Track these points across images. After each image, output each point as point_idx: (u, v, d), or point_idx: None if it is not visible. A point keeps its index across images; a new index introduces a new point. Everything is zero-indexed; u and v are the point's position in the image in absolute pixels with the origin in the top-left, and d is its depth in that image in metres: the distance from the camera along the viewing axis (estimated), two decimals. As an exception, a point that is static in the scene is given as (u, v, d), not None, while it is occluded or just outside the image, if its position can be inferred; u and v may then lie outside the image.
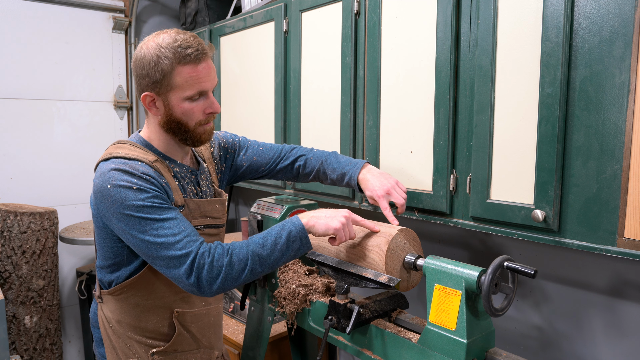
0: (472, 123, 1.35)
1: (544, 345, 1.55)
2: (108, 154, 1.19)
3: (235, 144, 1.50)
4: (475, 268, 1.06)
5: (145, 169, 1.15)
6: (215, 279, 1.08)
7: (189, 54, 1.12)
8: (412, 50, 1.49)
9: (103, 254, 1.24)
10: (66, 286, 2.90)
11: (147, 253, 1.11)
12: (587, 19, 1.11)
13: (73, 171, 2.87)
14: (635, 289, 1.34)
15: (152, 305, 1.25)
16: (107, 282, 1.26)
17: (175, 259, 1.08)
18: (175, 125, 1.20)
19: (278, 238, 1.13)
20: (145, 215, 1.09)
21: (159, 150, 1.25)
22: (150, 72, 1.13)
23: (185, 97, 1.16)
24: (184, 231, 1.10)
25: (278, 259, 1.13)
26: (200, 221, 1.27)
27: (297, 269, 1.48)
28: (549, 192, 1.18)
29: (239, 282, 1.11)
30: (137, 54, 1.17)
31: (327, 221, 1.17)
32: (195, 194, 1.30)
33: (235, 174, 1.50)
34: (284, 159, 1.50)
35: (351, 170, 1.41)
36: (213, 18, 2.79)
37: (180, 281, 1.10)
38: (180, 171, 1.27)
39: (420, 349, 1.13)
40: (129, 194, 1.10)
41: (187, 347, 1.31)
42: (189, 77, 1.14)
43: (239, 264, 1.10)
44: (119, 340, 1.28)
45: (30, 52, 2.68)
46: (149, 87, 1.15)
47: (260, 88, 2.17)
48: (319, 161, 1.48)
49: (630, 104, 1.05)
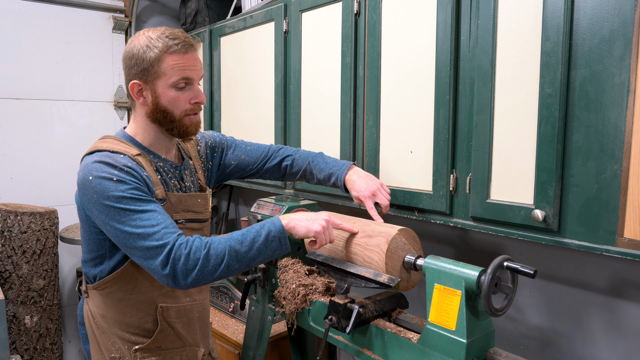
0: (472, 123, 1.35)
1: (544, 345, 1.55)
2: (92, 148, 1.22)
3: (222, 143, 1.53)
4: (475, 268, 1.06)
5: (126, 161, 1.17)
6: (190, 271, 1.10)
7: (176, 44, 1.19)
8: (412, 50, 1.49)
9: (87, 247, 1.26)
10: (66, 286, 2.90)
11: (125, 244, 1.13)
12: (587, 19, 1.11)
13: (73, 171, 2.87)
14: (635, 289, 1.34)
15: (136, 300, 1.27)
16: (92, 276, 1.28)
17: (152, 249, 1.10)
18: (161, 114, 1.23)
19: (257, 236, 1.15)
20: (124, 206, 1.12)
21: (143, 144, 1.28)
22: (139, 61, 1.19)
23: (171, 84, 1.20)
24: (161, 223, 1.12)
25: (255, 256, 1.15)
26: (183, 215, 1.29)
27: (297, 269, 1.48)
28: (548, 192, 1.18)
29: (214, 276, 1.12)
30: (127, 47, 1.24)
31: (307, 224, 1.19)
32: (179, 188, 1.32)
33: (224, 172, 1.53)
34: (272, 159, 1.54)
35: (338, 171, 1.47)
36: (213, 18, 2.79)
37: (156, 272, 1.11)
38: (163, 166, 1.29)
39: (420, 349, 1.13)
40: (109, 185, 1.12)
41: (171, 344, 1.31)
42: (175, 64, 1.19)
43: (215, 258, 1.11)
44: (102, 335, 1.29)
45: (30, 52, 2.68)
46: (137, 76, 1.20)
47: (260, 88, 2.17)
48: (305, 161, 1.53)
49: (630, 104, 1.05)
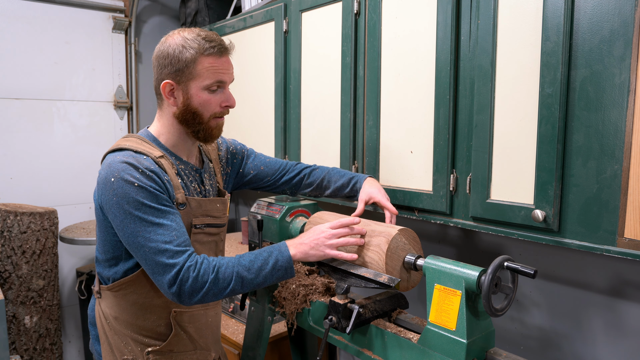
0: (472, 123, 1.35)
1: (544, 345, 1.55)
2: (116, 145, 1.22)
3: (243, 152, 1.55)
4: (475, 268, 1.06)
5: (149, 164, 1.17)
6: (197, 293, 1.12)
7: (212, 46, 1.18)
8: (412, 50, 1.49)
9: (102, 247, 1.26)
10: (66, 286, 2.90)
11: (136, 253, 1.14)
12: (587, 19, 1.11)
13: (73, 171, 2.87)
14: (635, 289, 1.34)
15: (150, 303, 1.26)
16: (106, 277, 1.27)
17: (162, 266, 1.11)
18: (190, 115, 1.23)
19: (264, 264, 1.18)
20: (142, 215, 1.12)
21: (166, 146, 1.27)
22: (173, 61, 1.18)
23: (204, 87, 1.20)
24: (175, 240, 1.13)
25: (260, 283, 1.18)
26: (202, 220, 1.29)
27: (297, 269, 1.48)
28: (549, 192, 1.18)
29: (218, 298, 1.15)
30: (160, 46, 1.22)
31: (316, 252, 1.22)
32: (199, 192, 1.32)
33: (241, 180, 1.55)
34: (289, 172, 1.56)
35: (357, 176, 1.51)
36: (213, 18, 2.79)
37: (162, 287, 1.13)
38: (184, 169, 1.29)
39: (420, 349, 1.13)
40: (131, 190, 1.12)
41: (183, 347, 1.31)
42: (210, 66, 1.19)
43: (222, 282, 1.14)
44: (115, 336, 1.28)
45: (30, 52, 2.68)
46: (170, 76, 1.20)
47: (260, 88, 2.17)
48: (324, 172, 1.55)
49: (630, 104, 1.05)
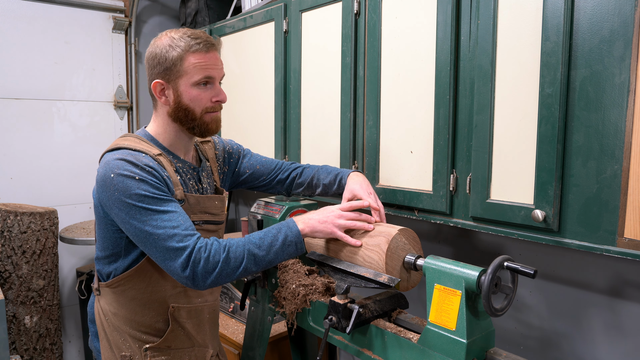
0: (472, 123, 1.35)
1: (544, 345, 1.55)
2: (113, 145, 1.23)
3: (239, 151, 1.57)
4: (475, 268, 1.06)
5: (148, 160, 1.18)
6: (210, 274, 1.12)
7: (197, 43, 1.21)
8: (412, 50, 1.49)
9: (102, 244, 1.27)
10: (66, 286, 2.90)
11: (145, 244, 1.14)
12: (587, 19, 1.11)
13: (73, 171, 2.87)
14: (635, 289, 1.34)
15: (149, 299, 1.27)
16: (105, 274, 1.29)
17: (173, 251, 1.11)
18: (182, 113, 1.25)
19: (274, 240, 1.18)
20: (146, 205, 1.13)
21: (164, 145, 1.30)
22: (161, 61, 1.21)
23: (193, 83, 1.22)
24: (182, 224, 1.14)
25: (272, 260, 1.19)
26: (200, 217, 1.30)
27: (297, 269, 1.48)
28: (548, 192, 1.18)
29: (232, 278, 1.15)
30: (149, 48, 1.26)
31: (324, 227, 1.23)
32: (197, 190, 1.33)
33: (238, 179, 1.56)
34: (283, 171, 1.57)
35: (342, 171, 1.51)
36: (213, 18, 2.79)
37: (175, 273, 1.13)
38: (182, 167, 1.31)
39: (420, 349, 1.13)
40: (132, 184, 1.13)
41: (181, 344, 1.32)
42: (197, 62, 1.21)
43: (234, 260, 1.14)
44: (114, 333, 1.29)
45: (30, 52, 2.68)
46: (159, 75, 1.23)
47: (260, 88, 2.17)
48: (314, 170, 1.56)
49: (630, 104, 1.05)
